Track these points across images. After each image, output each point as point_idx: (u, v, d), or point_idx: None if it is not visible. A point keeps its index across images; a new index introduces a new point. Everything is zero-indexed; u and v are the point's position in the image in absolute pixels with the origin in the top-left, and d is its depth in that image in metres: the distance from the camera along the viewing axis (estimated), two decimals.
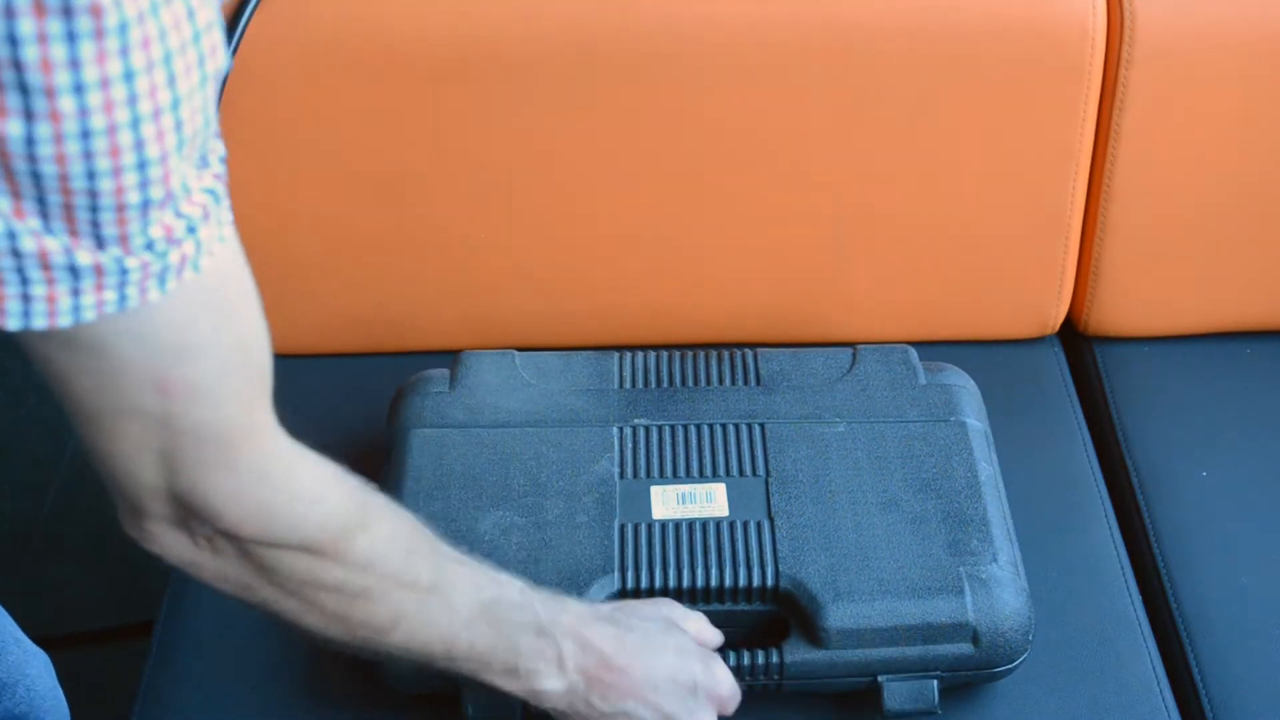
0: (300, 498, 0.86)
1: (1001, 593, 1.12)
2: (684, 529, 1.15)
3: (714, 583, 1.12)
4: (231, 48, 1.28)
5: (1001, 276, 1.40)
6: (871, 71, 1.32)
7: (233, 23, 1.28)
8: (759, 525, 1.15)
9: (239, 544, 0.85)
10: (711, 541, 1.14)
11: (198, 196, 0.71)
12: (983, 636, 1.10)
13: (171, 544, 0.85)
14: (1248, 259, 1.43)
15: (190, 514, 0.82)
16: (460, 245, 1.39)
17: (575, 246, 1.40)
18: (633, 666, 1.01)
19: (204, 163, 0.72)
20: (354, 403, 1.38)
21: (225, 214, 0.75)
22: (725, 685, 1.06)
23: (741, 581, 1.12)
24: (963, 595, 1.11)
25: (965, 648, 1.11)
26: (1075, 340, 1.49)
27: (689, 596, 1.12)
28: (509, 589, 0.99)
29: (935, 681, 1.11)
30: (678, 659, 1.04)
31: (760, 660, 1.11)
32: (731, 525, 1.15)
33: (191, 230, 0.71)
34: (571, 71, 1.31)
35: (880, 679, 1.11)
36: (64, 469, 2.06)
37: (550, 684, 0.99)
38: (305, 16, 1.29)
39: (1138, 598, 1.25)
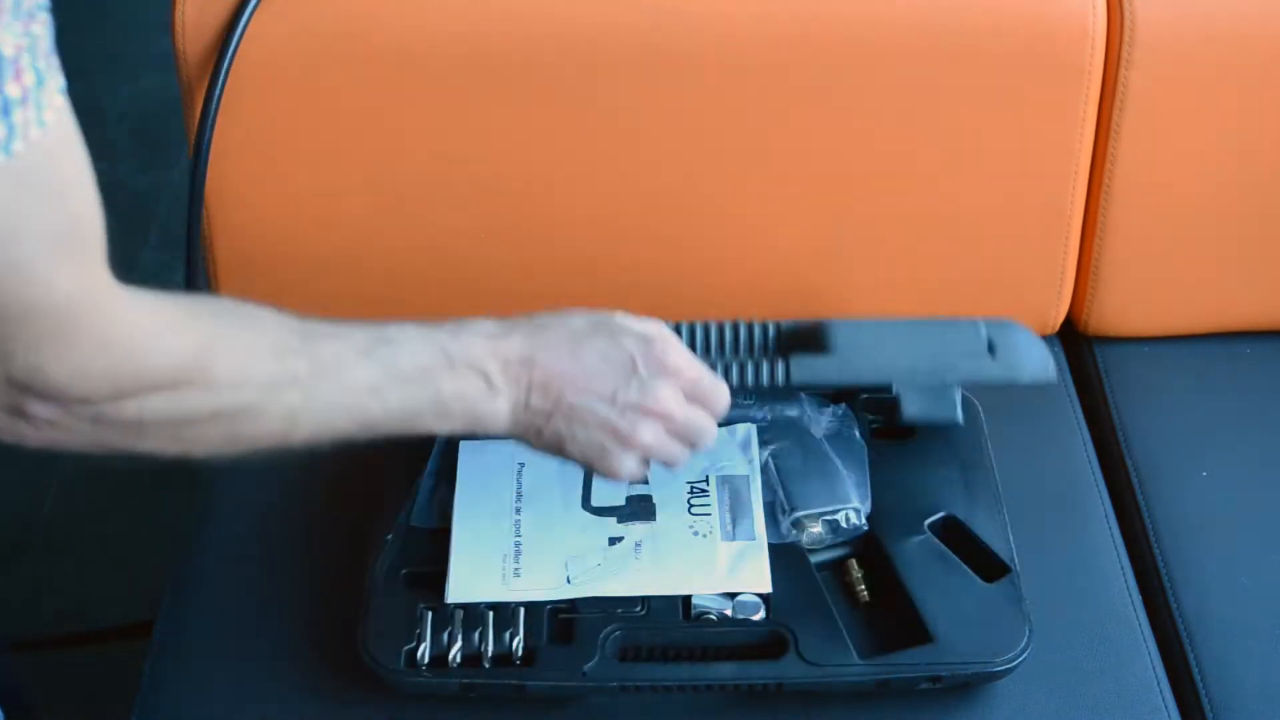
0: (146, 349, 0.83)
1: (1016, 325, 1.08)
2: (683, 326, 1.10)
3: (713, 330, 1.07)
4: (232, 48, 1.28)
5: (1001, 276, 1.40)
6: (871, 71, 1.32)
7: (233, 23, 1.28)
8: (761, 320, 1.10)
9: (94, 410, 0.83)
10: (711, 318, 1.09)
11: (25, 78, 0.70)
12: (999, 348, 1.06)
13: (22, 432, 0.83)
14: (1248, 259, 1.43)
15: (31, 397, 0.80)
16: (461, 245, 1.39)
17: (577, 244, 1.40)
18: (558, 359, 0.97)
19: (27, 34, 0.70)
20: None
21: (50, 97, 0.73)
22: (672, 354, 1.00)
23: (743, 331, 1.07)
24: (976, 322, 1.07)
25: (983, 361, 1.06)
26: (1075, 340, 1.49)
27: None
28: (404, 339, 0.95)
29: (956, 388, 1.06)
30: (608, 340, 0.99)
31: (765, 373, 1.06)
32: (734, 322, 1.09)
33: (6, 113, 0.70)
34: (573, 70, 1.31)
35: (895, 388, 1.07)
36: (64, 469, 2.06)
37: (488, 407, 0.96)
38: (305, 16, 1.29)
39: (1138, 598, 1.25)
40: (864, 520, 1.21)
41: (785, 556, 1.19)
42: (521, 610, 1.14)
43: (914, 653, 1.13)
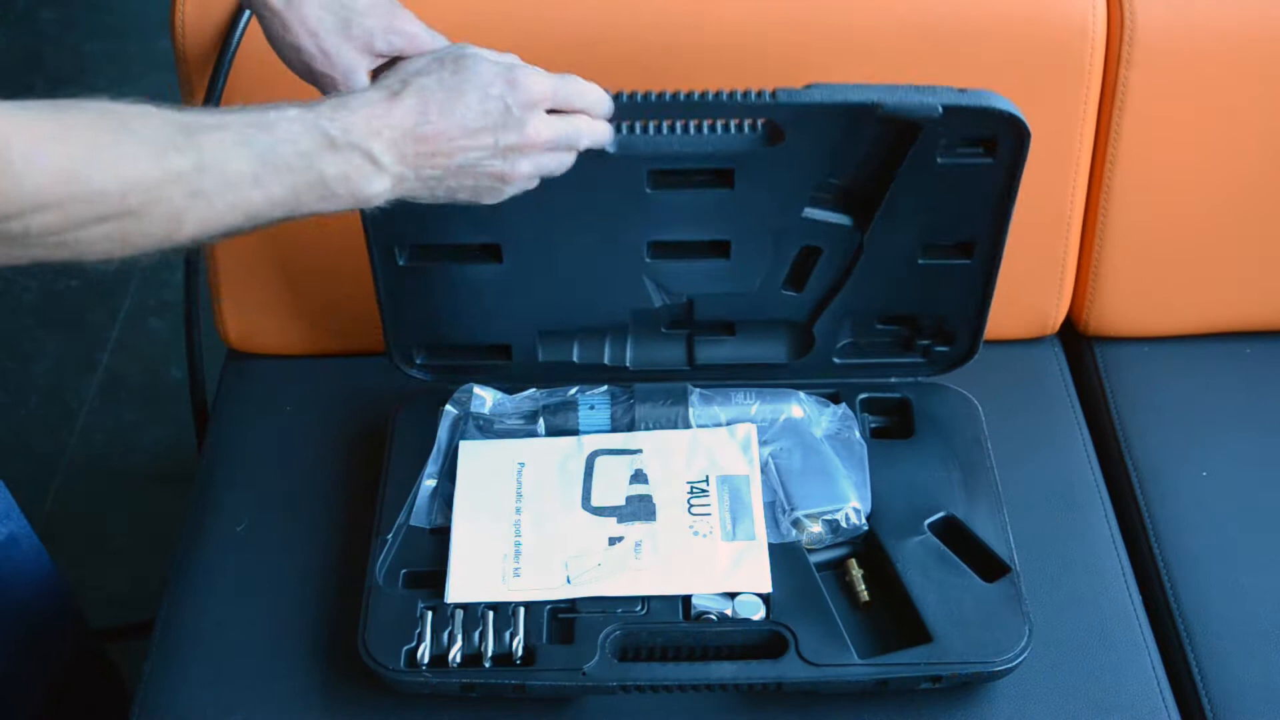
0: (23, 169, 0.83)
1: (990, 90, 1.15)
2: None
3: (709, 94, 1.12)
4: (232, 48, 1.28)
5: (1002, 276, 1.40)
6: (871, 71, 1.31)
7: (233, 23, 1.28)
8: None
9: None
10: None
11: None
12: (969, 92, 1.13)
13: None
14: (1248, 259, 1.43)
15: None
16: None
17: None
18: (441, 126, 0.99)
19: None
20: (354, 403, 1.38)
21: None
22: (533, 83, 1.02)
23: (739, 94, 1.11)
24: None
25: (956, 94, 1.12)
26: (1075, 340, 1.49)
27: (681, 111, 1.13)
28: (284, 123, 0.95)
29: (936, 105, 1.12)
30: (479, 91, 1.01)
31: (752, 94, 1.11)
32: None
33: None
34: (570, 67, 1.31)
35: (875, 98, 1.12)
36: (64, 469, 2.06)
37: (375, 187, 0.97)
38: None
39: (1138, 598, 1.25)
40: (864, 520, 1.21)
41: (785, 556, 1.19)
42: (522, 610, 1.15)
43: (914, 652, 1.13)
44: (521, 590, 1.16)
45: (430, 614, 1.15)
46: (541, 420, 1.28)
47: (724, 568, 1.17)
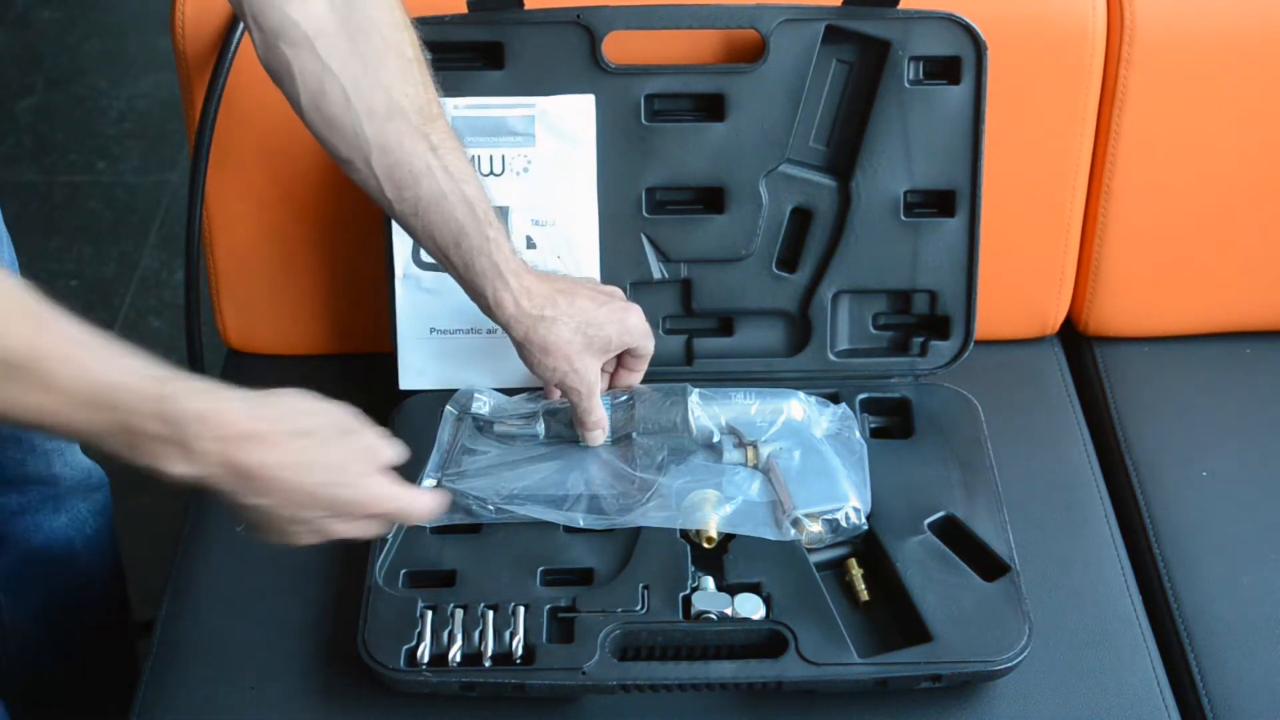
0: None
1: None
2: None
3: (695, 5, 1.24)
4: (232, 48, 1.28)
5: (1001, 276, 1.40)
6: None
7: (233, 23, 1.28)
8: None
9: None
10: None
11: None
12: None
13: None
14: (1248, 259, 1.43)
15: None
16: None
17: None
18: (281, 477, 0.97)
19: None
20: (354, 403, 1.38)
21: None
22: (375, 505, 1.02)
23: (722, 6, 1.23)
24: None
25: None
26: (1075, 340, 1.49)
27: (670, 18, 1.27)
28: (136, 372, 0.93)
29: None
30: (330, 476, 1.00)
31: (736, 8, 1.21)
32: None
33: None
34: None
35: None
36: None
37: (176, 469, 0.94)
38: None
39: (1138, 598, 1.25)
40: (864, 520, 1.21)
41: (785, 556, 1.19)
42: (522, 610, 1.15)
43: (914, 652, 1.13)
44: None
45: (430, 614, 1.15)
46: (541, 421, 1.28)
47: None
